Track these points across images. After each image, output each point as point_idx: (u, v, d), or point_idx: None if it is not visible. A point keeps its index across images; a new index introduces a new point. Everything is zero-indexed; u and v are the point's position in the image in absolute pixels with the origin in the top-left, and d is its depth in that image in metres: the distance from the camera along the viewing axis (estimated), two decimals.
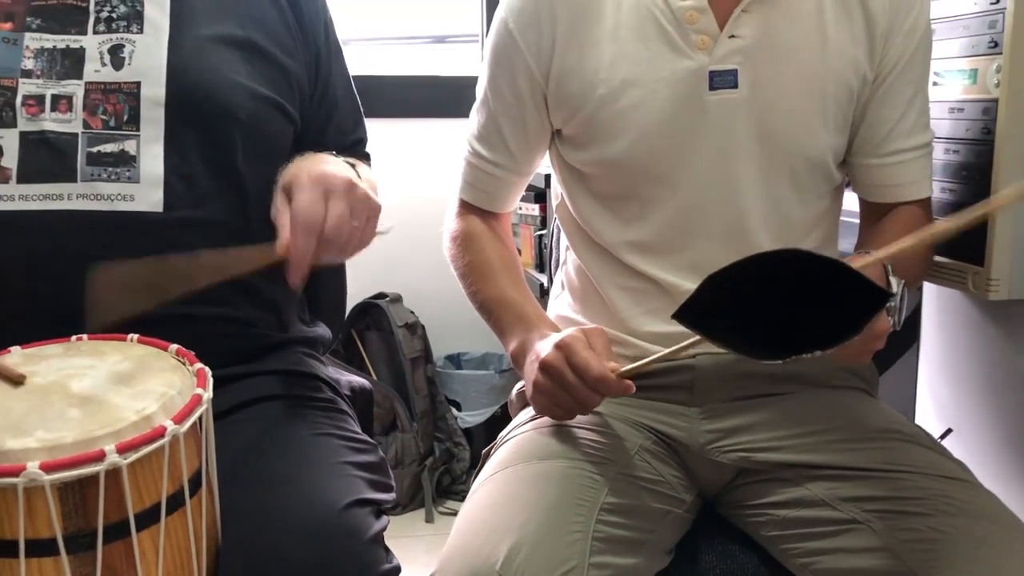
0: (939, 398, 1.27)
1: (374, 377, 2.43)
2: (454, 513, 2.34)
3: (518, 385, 1.13)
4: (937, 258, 1.07)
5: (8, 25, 0.90)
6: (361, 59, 2.61)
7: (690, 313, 0.74)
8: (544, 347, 0.90)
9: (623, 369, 0.86)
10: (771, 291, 0.70)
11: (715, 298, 0.72)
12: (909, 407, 1.31)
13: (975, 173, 1.02)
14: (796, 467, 0.93)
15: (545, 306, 1.15)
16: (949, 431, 1.22)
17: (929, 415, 1.28)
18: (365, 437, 0.96)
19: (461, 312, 2.48)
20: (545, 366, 0.89)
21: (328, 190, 0.84)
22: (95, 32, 0.91)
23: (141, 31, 0.92)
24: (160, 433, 0.66)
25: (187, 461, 0.71)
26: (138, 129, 0.89)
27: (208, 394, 0.72)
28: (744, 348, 0.74)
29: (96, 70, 0.90)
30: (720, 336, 0.75)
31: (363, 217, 0.87)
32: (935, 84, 1.07)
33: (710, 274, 0.71)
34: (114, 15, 0.92)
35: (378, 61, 2.67)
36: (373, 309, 2.45)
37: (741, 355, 0.74)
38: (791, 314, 0.71)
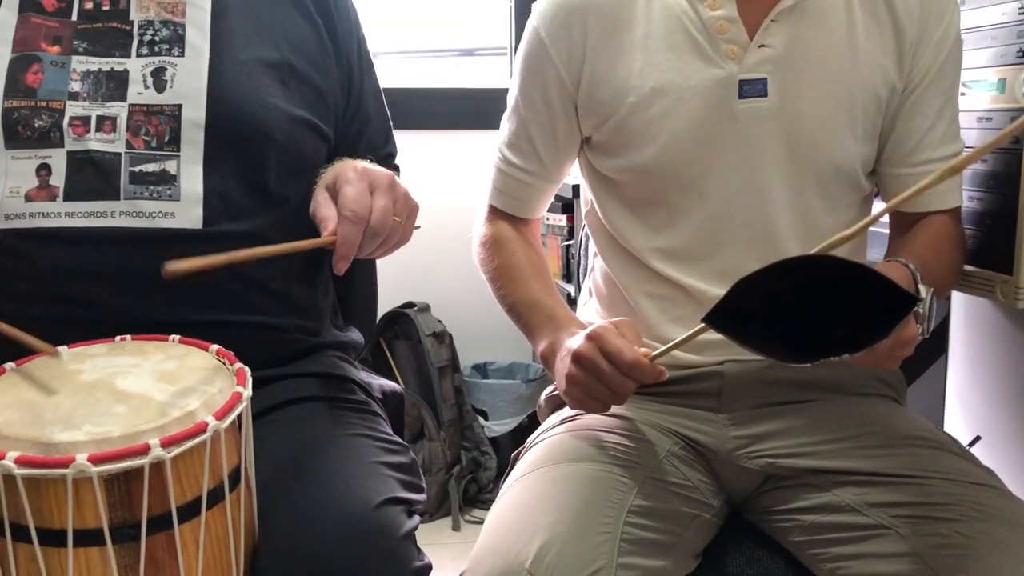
0: (968, 406, 1.27)
1: (402, 385, 2.45)
2: (481, 521, 2.35)
3: (547, 389, 1.14)
4: (966, 267, 1.07)
5: (56, 49, 0.93)
6: (390, 72, 2.64)
7: (719, 317, 0.75)
8: (575, 340, 0.91)
9: (655, 353, 0.87)
10: (799, 295, 0.71)
11: (744, 302, 0.73)
12: (938, 415, 1.31)
13: (1003, 182, 1.02)
14: (824, 473, 0.93)
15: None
16: (978, 439, 1.21)
17: (958, 423, 1.28)
18: (397, 439, 0.98)
19: (488, 322, 2.50)
20: (578, 357, 0.89)
21: (373, 183, 0.88)
22: (138, 55, 0.94)
23: (182, 54, 0.94)
24: (202, 429, 0.68)
25: (227, 457, 0.73)
26: (178, 150, 0.92)
27: (248, 392, 0.74)
28: (772, 351, 0.75)
29: (139, 92, 0.92)
30: (749, 340, 0.76)
31: (404, 213, 0.90)
32: (963, 94, 1.08)
33: (739, 279, 0.72)
34: (156, 38, 0.95)
35: (407, 73, 2.70)
36: (401, 318, 2.47)
37: (769, 358, 0.75)
38: (819, 318, 0.72)
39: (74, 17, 0.95)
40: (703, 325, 0.78)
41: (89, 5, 0.95)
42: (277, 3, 1.03)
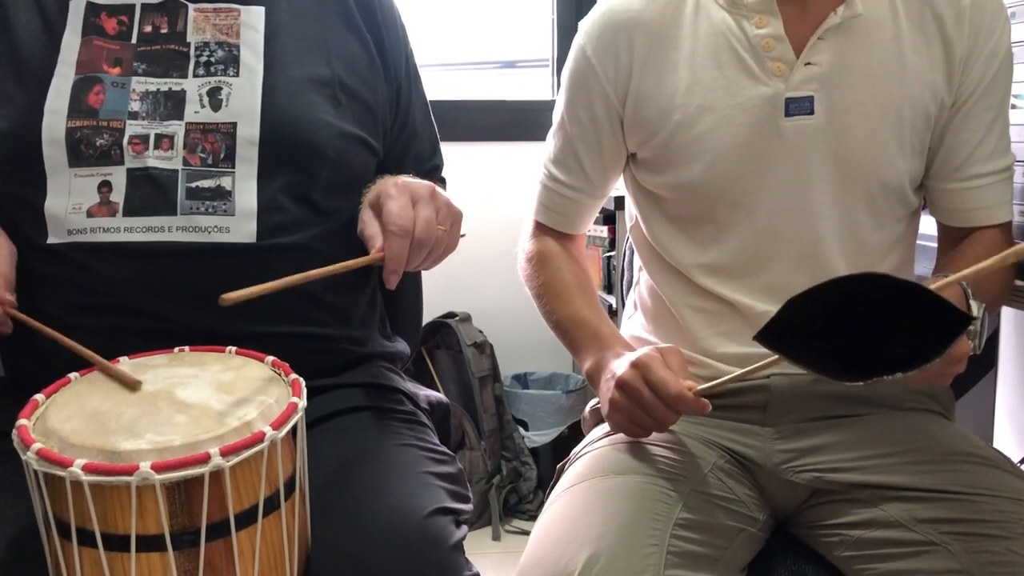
0: (1018, 422, 1.25)
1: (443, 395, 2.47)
2: (521, 531, 2.36)
3: (592, 402, 1.15)
4: (1016, 282, 1.06)
5: (117, 70, 0.96)
6: (433, 84, 2.67)
7: (772, 335, 0.75)
8: (620, 366, 0.92)
9: (700, 388, 0.88)
10: (852, 314, 0.72)
11: (796, 321, 0.74)
12: (987, 431, 1.29)
13: None
14: (871, 488, 0.93)
15: (617, 326, 1.16)
16: None
17: (1008, 439, 1.27)
18: (444, 449, 1.00)
19: (529, 332, 2.51)
20: (622, 384, 0.90)
21: (415, 196, 0.90)
22: (195, 75, 0.97)
23: (237, 74, 0.97)
24: (260, 438, 0.70)
25: (283, 466, 0.75)
26: (233, 166, 0.94)
27: (303, 403, 0.76)
28: (825, 370, 0.75)
29: (196, 111, 0.95)
30: (800, 358, 0.76)
31: (448, 222, 0.92)
32: (1014, 107, 1.07)
33: (791, 297, 0.73)
34: (212, 59, 0.97)
35: (449, 86, 2.73)
36: (443, 328, 2.49)
37: (822, 376, 0.76)
38: (872, 337, 0.72)
39: (134, 40, 0.98)
40: (756, 365, 0.78)
41: (148, 28, 0.98)
42: (328, 21, 1.05)
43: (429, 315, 2.50)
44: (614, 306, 2.13)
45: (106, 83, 0.94)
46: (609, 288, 2.36)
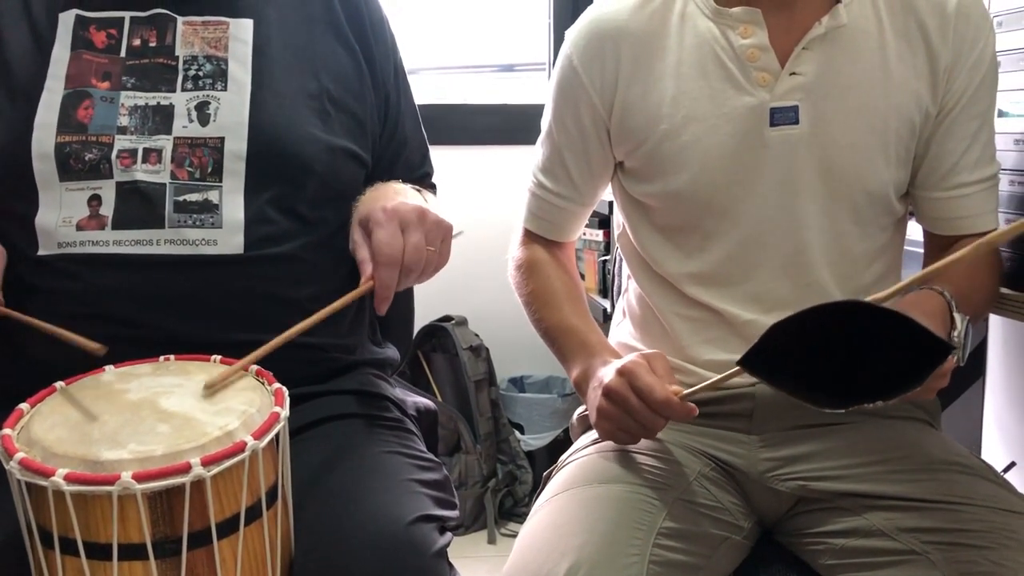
0: (1006, 431, 1.25)
1: (439, 398, 2.47)
2: (516, 535, 2.36)
3: (579, 409, 1.15)
4: (1003, 290, 1.06)
5: (106, 84, 0.96)
6: (431, 87, 2.68)
7: (754, 360, 0.76)
8: (607, 373, 0.92)
9: (686, 392, 0.88)
10: (834, 341, 0.72)
11: (779, 346, 0.74)
12: (975, 440, 1.30)
13: None
14: (855, 496, 0.93)
15: (607, 333, 1.17)
16: (1013, 464, 1.20)
17: (996, 448, 1.27)
18: (430, 456, 1.00)
19: (525, 335, 2.50)
20: (609, 392, 0.91)
21: (403, 222, 0.90)
22: (183, 90, 0.97)
23: (225, 88, 0.97)
24: (241, 448, 0.71)
25: (264, 475, 0.75)
26: (221, 180, 0.95)
27: (285, 412, 0.77)
28: (807, 396, 0.76)
29: (184, 126, 0.95)
30: (782, 384, 0.76)
31: (437, 240, 0.92)
32: (1000, 116, 1.07)
33: (775, 323, 0.73)
34: (200, 73, 0.98)
35: (447, 89, 2.73)
36: (439, 331, 2.49)
37: (802, 403, 0.76)
38: (854, 364, 0.72)
39: (123, 53, 0.98)
40: (737, 368, 0.78)
41: (137, 42, 0.99)
42: (317, 32, 1.05)
43: (425, 318, 2.52)
44: (609, 310, 2.13)
45: (95, 98, 0.95)
46: (605, 292, 2.36)
